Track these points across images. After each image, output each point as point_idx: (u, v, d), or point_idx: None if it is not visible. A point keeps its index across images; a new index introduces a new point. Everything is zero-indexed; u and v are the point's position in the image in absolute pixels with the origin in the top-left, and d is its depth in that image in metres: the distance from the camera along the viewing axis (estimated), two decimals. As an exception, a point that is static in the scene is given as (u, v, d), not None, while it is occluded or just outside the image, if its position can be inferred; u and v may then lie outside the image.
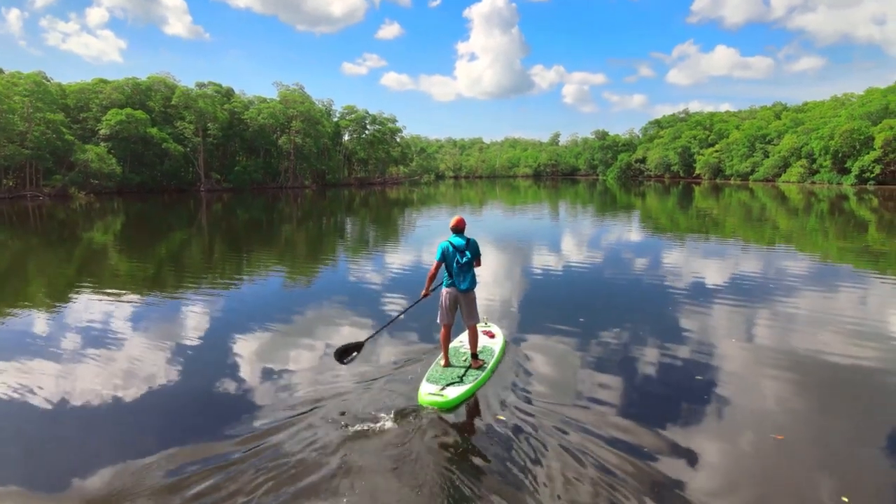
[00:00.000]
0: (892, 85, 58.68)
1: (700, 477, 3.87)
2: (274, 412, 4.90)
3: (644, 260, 13.62)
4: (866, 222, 22.60)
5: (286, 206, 36.35)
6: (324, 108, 72.02)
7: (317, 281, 11.63)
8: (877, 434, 4.55)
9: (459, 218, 5.86)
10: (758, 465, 4.05)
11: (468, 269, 5.69)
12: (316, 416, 4.77)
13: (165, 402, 5.33)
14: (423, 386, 5.26)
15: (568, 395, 5.23)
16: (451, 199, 47.29)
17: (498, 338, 6.64)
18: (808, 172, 59.66)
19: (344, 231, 22.34)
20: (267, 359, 6.40)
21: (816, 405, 5.11)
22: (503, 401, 5.11)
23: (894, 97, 54.62)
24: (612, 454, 4.10)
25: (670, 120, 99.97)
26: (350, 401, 5.07)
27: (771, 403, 5.08)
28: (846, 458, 4.15)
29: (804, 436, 4.53)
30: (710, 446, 4.29)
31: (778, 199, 37.61)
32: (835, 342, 6.76)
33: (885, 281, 10.75)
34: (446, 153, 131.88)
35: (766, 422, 4.69)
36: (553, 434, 4.42)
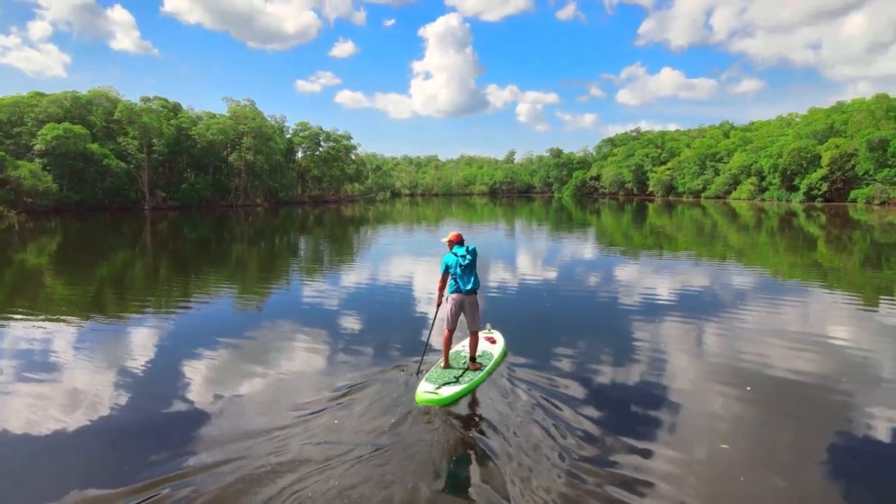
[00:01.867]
0: (835, 105, 62.92)
1: (657, 483, 3.96)
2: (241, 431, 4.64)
3: (597, 275, 13.91)
4: (815, 238, 23.57)
5: (237, 225, 35.29)
6: (276, 125, 70.90)
7: (269, 302, 11.23)
8: (818, 441, 4.72)
9: (457, 233, 6.36)
10: (707, 472, 4.15)
11: (471, 272, 6.15)
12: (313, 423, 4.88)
13: (108, 433, 4.96)
14: (420, 385, 5.61)
15: (559, 399, 5.50)
16: (407, 216, 47.18)
17: (499, 344, 6.99)
18: (757, 190, 62.61)
19: (297, 250, 21.84)
20: (221, 384, 6.08)
21: (762, 415, 5.26)
22: (494, 401, 5.44)
23: (838, 117, 58.06)
24: (584, 453, 4.42)
25: (623, 138, 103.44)
26: (343, 408, 5.29)
27: (720, 413, 5.22)
28: (791, 465, 4.28)
29: (749, 444, 4.65)
30: (663, 454, 4.39)
31: (729, 216, 39.32)
32: (782, 354, 7.04)
33: (832, 295, 11.28)
34: (402, 171, 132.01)
35: (714, 431, 4.82)
36: (539, 433, 4.72)
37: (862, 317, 9.31)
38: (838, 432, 4.89)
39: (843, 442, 4.71)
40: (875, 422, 5.08)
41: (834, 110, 61.71)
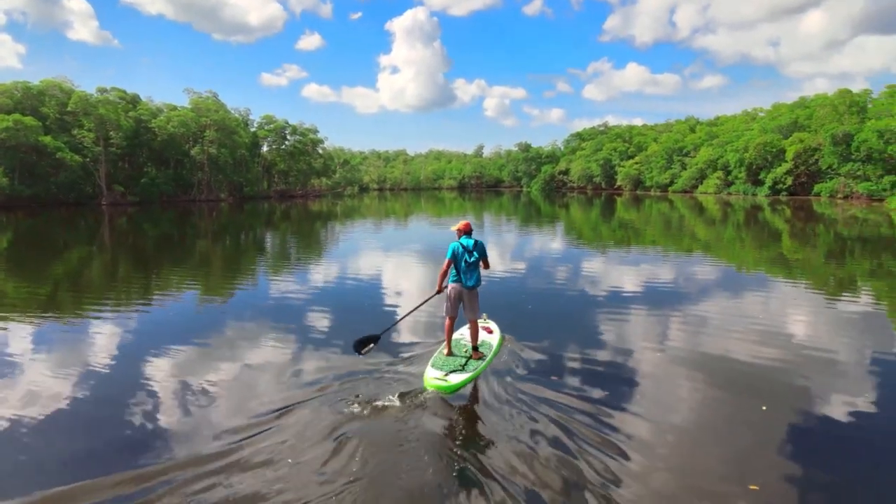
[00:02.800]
0: (798, 100, 63.73)
1: (627, 461, 4.08)
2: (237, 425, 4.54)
3: (565, 268, 14.11)
4: (780, 232, 24.10)
5: (200, 221, 34.38)
6: (240, 118, 69.21)
7: (235, 298, 11.01)
8: (779, 426, 4.93)
9: (466, 222, 6.44)
10: (673, 456, 4.28)
11: (475, 268, 6.28)
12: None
13: (68, 433, 4.80)
14: (428, 371, 5.87)
15: (549, 384, 5.84)
16: (375, 211, 46.86)
17: (495, 333, 7.23)
18: (724, 184, 63.25)
19: (263, 246, 21.44)
20: (186, 382, 5.92)
21: (725, 401, 5.48)
22: (498, 388, 5.70)
23: (802, 112, 58.95)
24: (586, 434, 4.59)
25: (591, 132, 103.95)
26: (354, 387, 5.67)
27: (686, 401, 5.40)
28: (754, 449, 4.46)
29: (713, 429, 4.85)
30: (635, 437, 4.49)
31: (696, 210, 40.10)
32: (747, 344, 7.32)
33: (795, 286, 11.72)
34: (370, 165, 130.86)
35: (683, 419, 4.99)
36: (539, 416, 4.99)
37: (825, 308, 9.71)
38: (798, 415, 5.11)
39: (802, 424, 4.92)
40: (831, 406, 5.34)
41: (797, 105, 62.58)
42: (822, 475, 4.13)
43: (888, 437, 4.76)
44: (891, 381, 6.02)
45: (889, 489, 3.97)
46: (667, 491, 3.90)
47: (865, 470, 4.22)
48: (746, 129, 66.18)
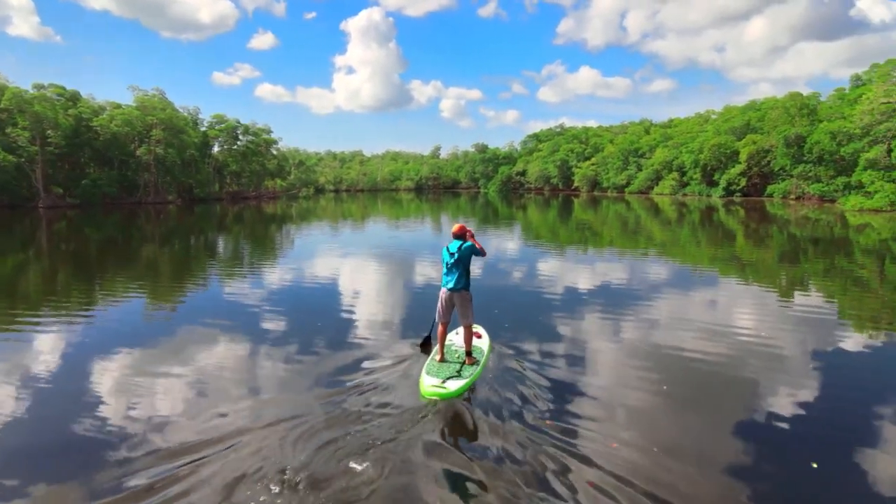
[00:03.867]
0: (749, 102, 65.72)
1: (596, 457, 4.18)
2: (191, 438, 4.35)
3: (521, 269, 14.32)
4: (734, 232, 24.63)
5: (146, 224, 33.00)
6: (189, 117, 66.85)
7: (185, 305, 10.63)
8: (728, 420, 5.20)
9: (460, 225, 6.46)
10: (630, 456, 4.41)
11: (455, 270, 6.24)
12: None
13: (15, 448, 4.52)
14: (424, 378, 5.81)
15: (536, 389, 5.85)
16: (332, 213, 46.19)
17: (484, 338, 7.25)
18: (679, 185, 64.42)
19: (215, 249, 20.78)
20: (139, 398, 5.68)
21: (681, 398, 5.71)
22: (494, 392, 5.70)
23: (753, 114, 60.38)
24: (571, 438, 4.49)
25: (548, 134, 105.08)
26: (343, 402, 5.43)
27: (643, 400, 5.59)
28: (708, 440, 4.69)
29: (667, 425, 5.03)
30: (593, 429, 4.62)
31: (652, 211, 40.97)
32: (701, 342, 7.67)
33: (748, 285, 12.27)
34: (326, 166, 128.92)
35: (640, 418, 5.17)
36: (536, 419, 5.05)
37: (776, 306, 10.23)
38: (746, 410, 5.39)
39: (749, 418, 5.20)
40: (776, 399, 5.66)
41: (748, 108, 64.16)
42: (765, 461, 4.39)
43: (826, 425, 5.10)
44: (832, 374, 6.44)
45: (829, 474, 4.24)
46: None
47: (807, 455, 4.50)
48: (700, 131, 67.43)
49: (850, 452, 4.57)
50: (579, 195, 77.46)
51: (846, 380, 6.29)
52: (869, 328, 8.54)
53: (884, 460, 4.44)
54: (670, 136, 72.95)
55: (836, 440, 4.79)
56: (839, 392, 5.93)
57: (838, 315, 9.46)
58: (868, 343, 7.69)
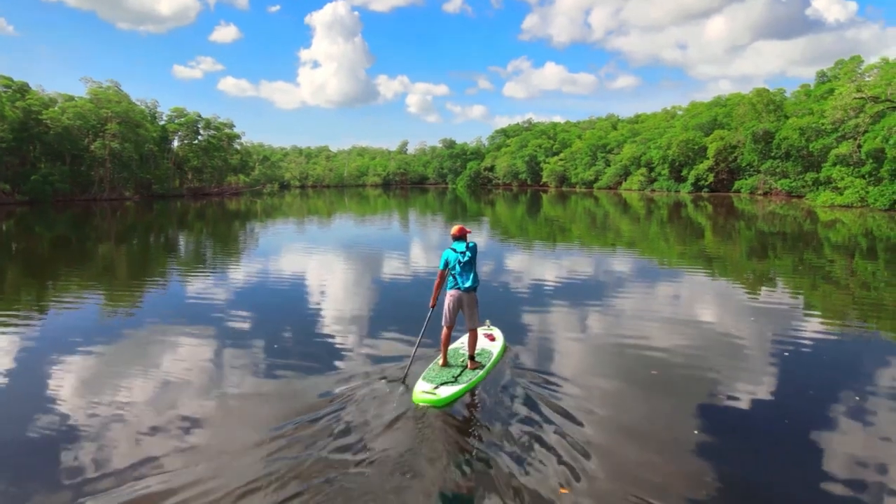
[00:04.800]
0: (715, 98, 66.59)
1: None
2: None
3: (489, 265, 14.33)
4: (702, 228, 24.74)
5: (102, 222, 31.73)
6: (147, 110, 64.54)
7: (142, 308, 10.21)
8: (691, 409, 5.31)
9: (460, 227, 6.23)
10: (599, 441, 4.42)
11: (470, 268, 6.05)
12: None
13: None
14: (418, 384, 5.51)
15: (557, 395, 5.56)
16: (298, 210, 45.39)
17: (498, 341, 6.93)
18: (647, 180, 64.67)
19: (175, 248, 20.11)
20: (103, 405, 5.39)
21: (646, 388, 5.79)
22: (495, 400, 5.41)
23: (720, 110, 60.83)
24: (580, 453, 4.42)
25: (516, 129, 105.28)
26: (341, 406, 5.23)
27: (611, 390, 5.63)
28: (671, 428, 4.75)
29: (633, 414, 5.08)
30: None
31: (621, 207, 41.30)
32: (668, 335, 7.78)
33: (715, 280, 12.50)
34: (291, 161, 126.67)
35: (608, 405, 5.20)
36: (538, 430, 4.75)
37: (744, 301, 10.50)
38: (710, 398, 5.51)
39: (712, 406, 5.31)
40: (736, 390, 5.80)
41: (714, 104, 64.88)
42: (724, 449, 4.46)
43: (783, 414, 5.25)
44: (791, 366, 6.64)
45: (785, 463, 4.35)
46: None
47: (765, 446, 4.61)
48: (668, 127, 67.69)
49: (804, 440, 4.72)
50: (548, 191, 78.03)
51: (805, 371, 6.49)
52: (833, 321, 8.86)
53: (835, 443, 4.61)
54: (638, 132, 73.35)
55: (791, 427, 4.95)
56: (797, 382, 6.12)
57: (804, 309, 9.74)
58: (831, 335, 7.97)
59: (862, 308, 9.60)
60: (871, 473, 4.22)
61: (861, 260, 15.11)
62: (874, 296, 10.60)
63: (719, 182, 55.71)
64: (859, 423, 5.07)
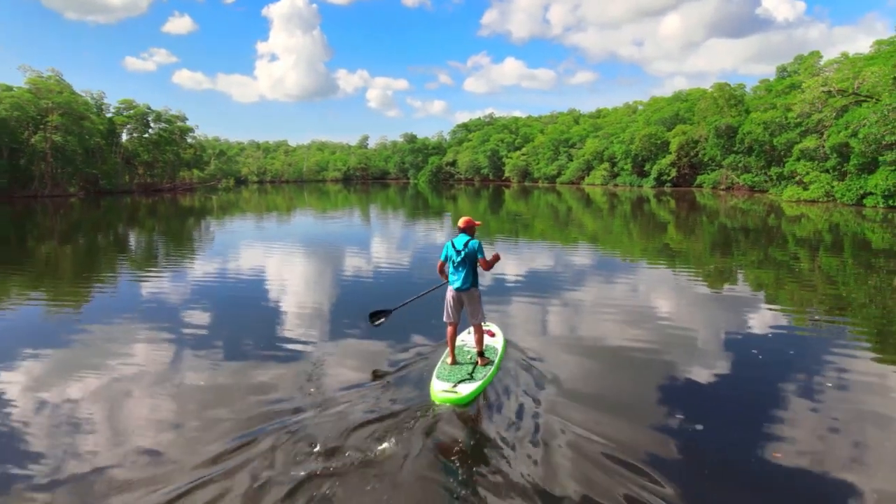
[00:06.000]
0: (676, 93, 67.59)
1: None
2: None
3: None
4: (665, 223, 24.77)
5: (43, 219, 30.03)
6: (92, 102, 61.46)
7: (89, 308, 9.68)
8: (650, 395, 5.47)
9: (468, 219, 6.09)
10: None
11: (461, 268, 5.94)
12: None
13: None
14: (434, 384, 5.47)
15: (564, 388, 5.63)
16: (255, 206, 44.19)
17: (498, 336, 6.95)
18: (610, 175, 64.66)
19: (125, 246, 19.21)
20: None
21: (610, 378, 5.89)
22: (510, 395, 5.43)
23: (681, 105, 61.10)
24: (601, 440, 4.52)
25: (478, 123, 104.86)
26: (360, 401, 5.22)
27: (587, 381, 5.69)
28: (632, 415, 4.85)
29: (595, 402, 5.14)
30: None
31: (584, 201, 41.47)
32: (629, 328, 7.92)
33: (674, 274, 12.71)
34: (249, 156, 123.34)
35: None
36: (557, 422, 4.80)
37: (704, 293, 10.78)
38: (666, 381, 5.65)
39: (676, 390, 5.45)
40: (695, 375, 5.98)
41: (675, 98, 65.58)
42: (683, 433, 4.59)
43: (737, 403, 5.45)
44: (746, 354, 6.90)
45: (737, 442, 4.50)
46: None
47: (720, 428, 4.77)
48: (630, 122, 67.84)
49: (755, 426, 4.88)
50: (510, 186, 77.94)
51: (760, 359, 6.73)
52: (791, 311, 9.21)
53: (786, 417, 4.80)
54: (600, 127, 73.42)
55: (743, 415, 5.12)
56: (752, 371, 6.35)
57: (764, 299, 10.05)
58: (787, 325, 8.29)
59: (821, 299, 10.00)
60: (815, 443, 4.44)
61: (826, 255, 15.01)
62: (833, 289, 11.08)
63: (682, 177, 55.87)
64: (808, 401, 5.34)
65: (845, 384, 5.80)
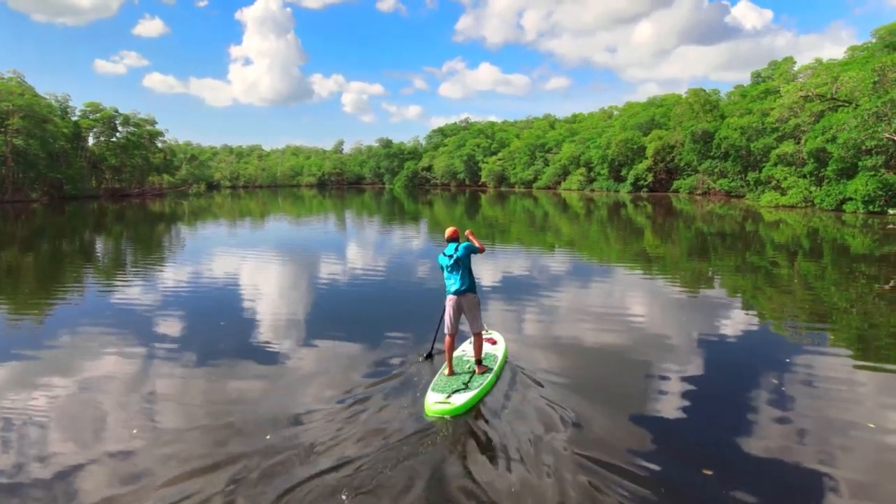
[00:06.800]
0: (652, 98, 67.95)
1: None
2: None
3: (425, 266, 14.14)
4: (642, 228, 24.80)
5: (3, 226, 28.79)
6: (56, 105, 59.54)
7: (54, 316, 9.21)
8: (623, 391, 5.46)
9: (453, 229, 6.14)
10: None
11: (455, 271, 5.91)
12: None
13: None
14: (429, 396, 5.32)
15: (569, 397, 5.48)
16: (228, 211, 43.30)
17: (500, 344, 6.81)
18: (587, 180, 64.56)
19: (90, 254, 18.51)
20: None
21: (588, 375, 5.77)
22: (509, 406, 5.29)
23: (657, 110, 61.32)
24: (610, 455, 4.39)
25: (453, 128, 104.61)
26: (348, 419, 4.99)
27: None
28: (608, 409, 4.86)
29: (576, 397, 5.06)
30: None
31: (560, 206, 41.55)
32: (605, 329, 7.86)
33: (653, 280, 12.78)
34: (221, 161, 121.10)
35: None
36: (556, 434, 4.66)
37: (683, 297, 10.83)
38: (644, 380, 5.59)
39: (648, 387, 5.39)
40: (670, 373, 5.94)
41: (651, 103, 65.96)
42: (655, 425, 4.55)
43: (712, 399, 5.42)
44: (720, 355, 6.93)
45: (712, 437, 4.46)
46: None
47: (696, 423, 4.73)
48: (606, 127, 68.06)
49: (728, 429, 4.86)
50: (486, 191, 77.90)
51: (734, 352, 6.75)
52: (765, 314, 9.32)
53: (756, 413, 4.79)
54: (576, 132, 73.63)
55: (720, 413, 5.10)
56: (727, 371, 6.37)
57: (741, 303, 10.14)
58: (761, 326, 8.38)
59: (796, 303, 10.15)
60: (782, 439, 4.47)
61: (805, 260, 14.94)
62: (809, 294, 11.27)
63: (658, 182, 55.85)
64: (778, 398, 5.44)
65: (814, 385, 5.86)
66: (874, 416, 5.13)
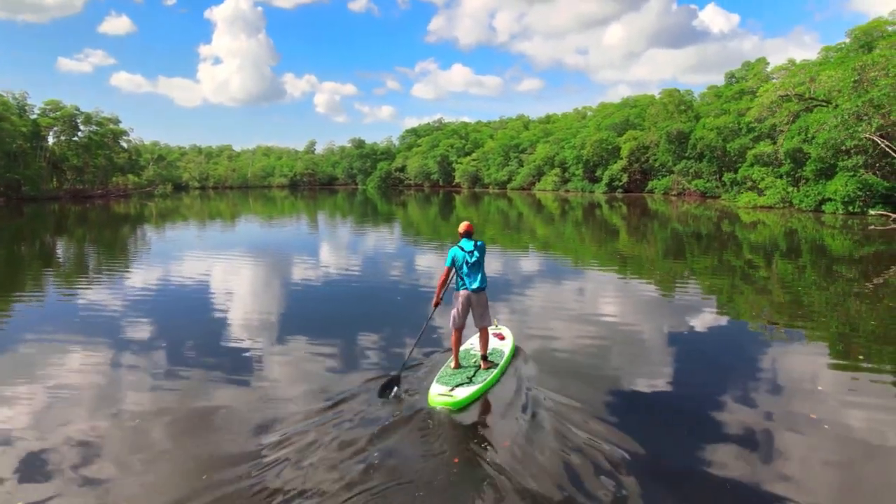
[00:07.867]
0: (625, 99, 67.99)
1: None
2: None
3: (399, 266, 14.07)
4: (617, 229, 24.86)
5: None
6: (14, 102, 57.24)
7: (14, 321, 8.82)
8: (623, 391, 5.37)
9: (468, 224, 6.09)
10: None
11: (478, 269, 5.97)
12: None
13: None
14: (432, 387, 5.41)
15: (574, 396, 5.46)
16: (197, 212, 42.29)
17: (508, 339, 6.84)
18: (561, 181, 64.77)
19: (50, 257, 17.82)
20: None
21: (566, 374, 5.78)
22: (512, 401, 5.33)
23: (632, 111, 61.35)
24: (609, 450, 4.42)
25: (427, 129, 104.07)
26: (355, 407, 5.13)
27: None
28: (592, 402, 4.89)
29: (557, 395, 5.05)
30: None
31: (535, 207, 41.61)
32: (580, 329, 7.91)
33: (626, 280, 12.89)
34: (190, 161, 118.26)
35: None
36: (559, 431, 4.67)
37: (659, 298, 10.98)
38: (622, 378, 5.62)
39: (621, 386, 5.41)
40: (645, 372, 5.99)
41: (624, 104, 66.13)
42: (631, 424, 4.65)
43: (686, 398, 5.48)
44: (692, 353, 7.08)
45: (686, 439, 4.51)
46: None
47: (666, 421, 4.78)
48: (581, 127, 68.07)
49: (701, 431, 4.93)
50: (461, 191, 77.71)
51: (710, 360, 6.90)
52: (739, 315, 9.52)
53: (727, 415, 4.88)
54: (550, 132, 73.75)
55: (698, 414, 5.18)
56: (700, 368, 6.49)
57: (716, 304, 10.22)
58: (735, 327, 8.56)
59: (771, 304, 10.40)
60: (753, 441, 4.53)
61: (782, 261, 14.94)
62: (785, 294, 11.57)
63: (633, 182, 56.10)
64: (748, 400, 5.53)
65: (787, 384, 6.00)
66: (834, 414, 5.25)
